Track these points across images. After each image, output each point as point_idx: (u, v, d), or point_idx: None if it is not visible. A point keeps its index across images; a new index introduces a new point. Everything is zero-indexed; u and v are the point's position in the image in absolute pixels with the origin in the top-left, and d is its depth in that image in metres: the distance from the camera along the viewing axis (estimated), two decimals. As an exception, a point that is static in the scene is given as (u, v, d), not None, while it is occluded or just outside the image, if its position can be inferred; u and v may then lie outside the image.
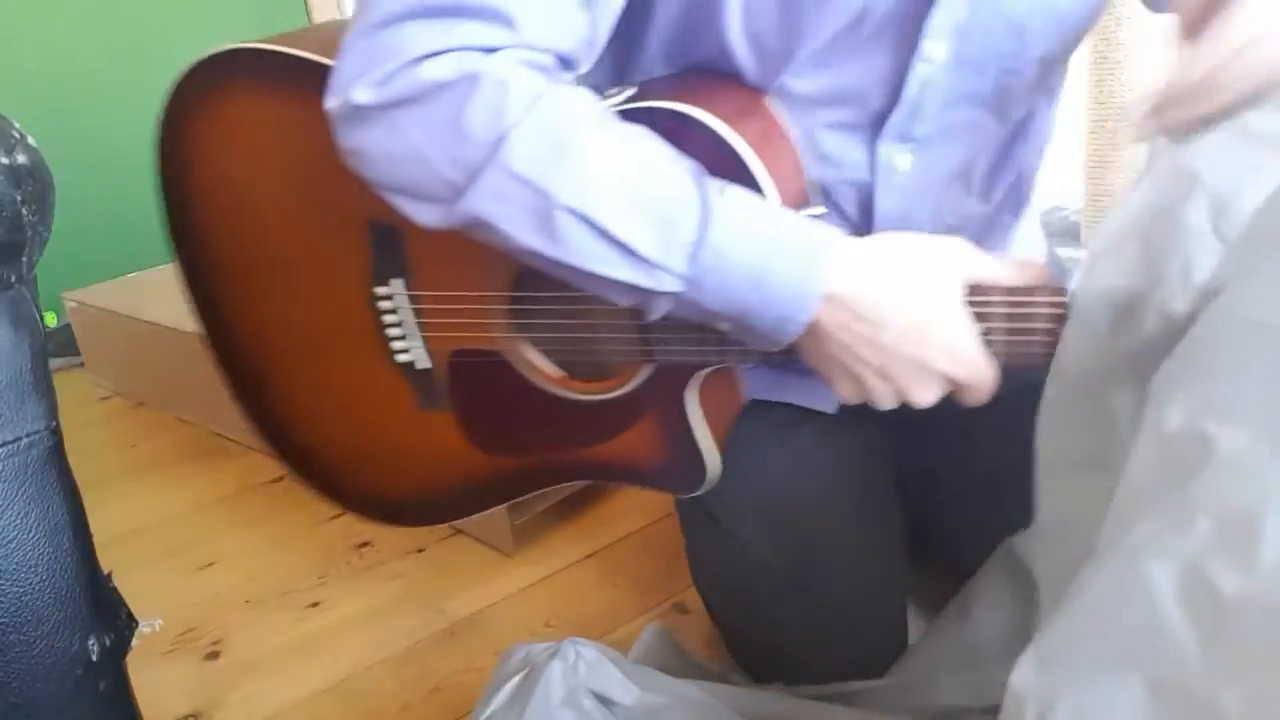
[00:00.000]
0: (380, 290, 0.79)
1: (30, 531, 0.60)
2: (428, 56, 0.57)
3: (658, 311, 0.62)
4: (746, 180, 0.63)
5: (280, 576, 1.28)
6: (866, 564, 0.85)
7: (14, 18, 2.22)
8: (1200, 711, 0.40)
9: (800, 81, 0.70)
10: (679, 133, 0.62)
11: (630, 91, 0.69)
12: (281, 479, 1.56)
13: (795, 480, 0.83)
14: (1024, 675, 0.46)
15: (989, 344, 0.60)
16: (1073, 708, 0.43)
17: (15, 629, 0.59)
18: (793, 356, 0.65)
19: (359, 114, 0.59)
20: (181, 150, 0.84)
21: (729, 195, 0.59)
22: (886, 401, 0.63)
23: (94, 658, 0.64)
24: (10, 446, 0.59)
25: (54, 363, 2.19)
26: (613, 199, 0.57)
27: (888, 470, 0.90)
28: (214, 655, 1.14)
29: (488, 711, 0.71)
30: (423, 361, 0.81)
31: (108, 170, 2.35)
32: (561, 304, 0.74)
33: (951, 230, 0.76)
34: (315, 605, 1.21)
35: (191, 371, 1.79)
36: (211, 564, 1.34)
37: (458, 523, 1.33)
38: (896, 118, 0.70)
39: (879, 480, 0.89)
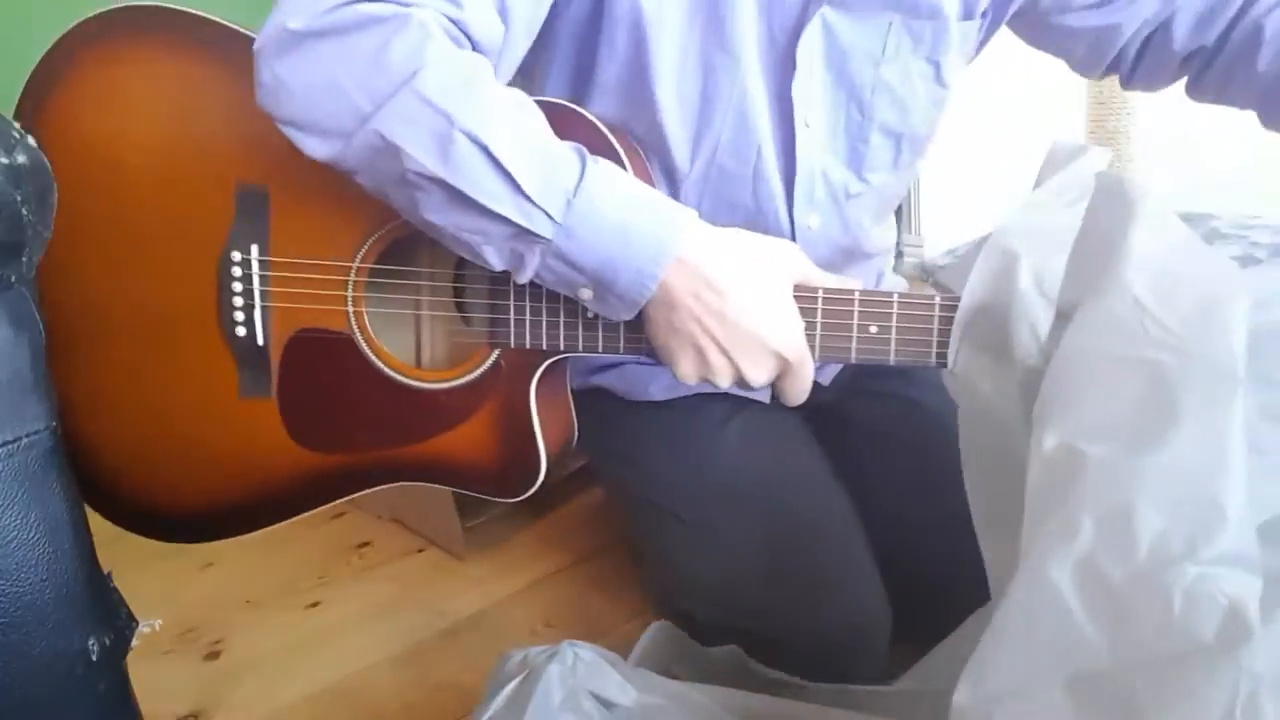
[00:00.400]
0: (235, 255, 0.76)
1: (30, 531, 0.60)
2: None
3: (528, 270, 0.66)
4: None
5: (280, 576, 1.28)
6: (830, 529, 0.88)
7: (14, 18, 2.22)
8: (1117, 699, 0.44)
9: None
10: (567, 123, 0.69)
11: None
12: (281, 479, 1.56)
13: (745, 457, 0.90)
14: (962, 695, 0.50)
15: (809, 337, 0.69)
16: None
17: (15, 629, 0.59)
18: (639, 337, 0.70)
19: (289, 40, 0.63)
20: (53, 99, 0.80)
21: (604, 163, 0.66)
22: (724, 378, 0.68)
23: (94, 658, 0.64)
24: (10, 446, 0.59)
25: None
26: (507, 136, 0.62)
27: (823, 455, 0.96)
28: (214, 655, 1.14)
29: (487, 714, 0.71)
30: (260, 337, 0.77)
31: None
32: (418, 279, 0.76)
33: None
34: (315, 605, 1.21)
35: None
36: (211, 564, 1.34)
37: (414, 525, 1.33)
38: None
39: (818, 458, 0.95)
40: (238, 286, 0.77)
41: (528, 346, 0.73)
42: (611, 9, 0.75)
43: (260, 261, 0.76)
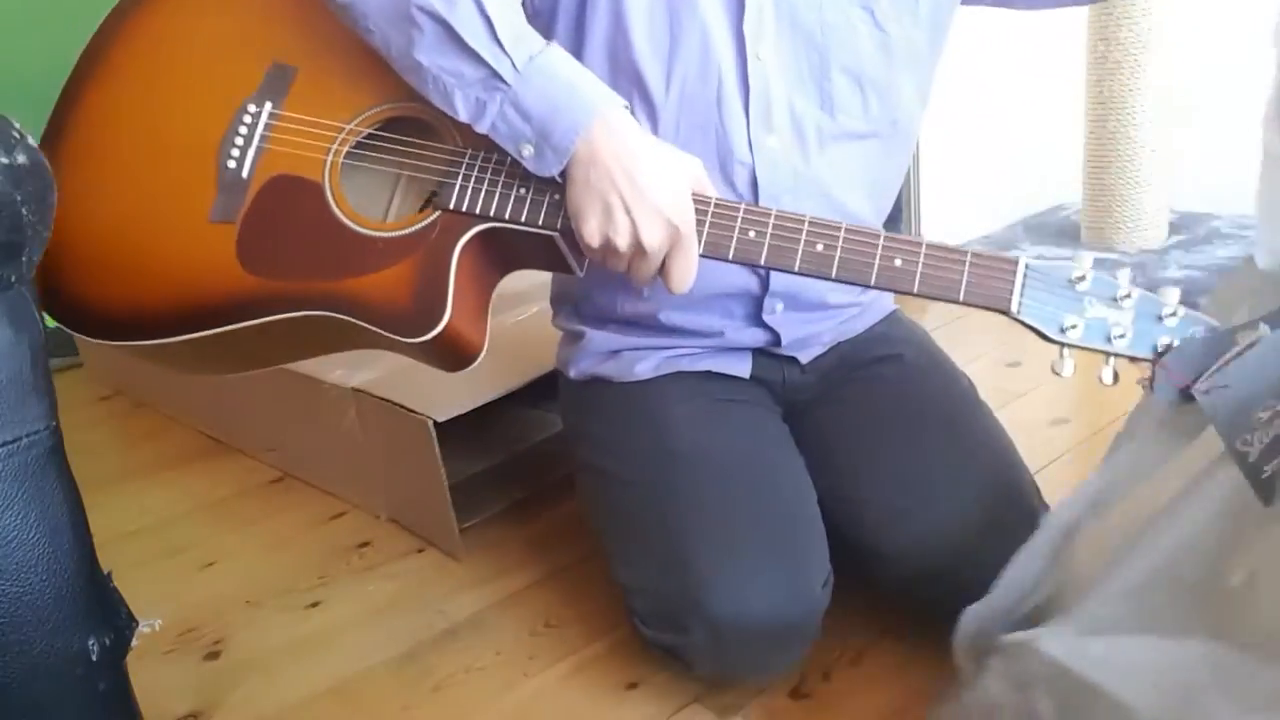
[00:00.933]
0: (251, 107, 0.91)
1: (30, 531, 0.60)
2: None
3: (487, 118, 0.80)
4: None
5: (280, 576, 1.28)
6: (777, 503, 0.93)
7: (14, 18, 2.22)
8: None
9: None
10: None
11: None
12: (281, 479, 1.56)
13: (701, 428, 0.97)
14: None
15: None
16: None
17: (15, 629, 0.59)
18: (559, 205, 0.82)
19: None
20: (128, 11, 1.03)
21: (561, 50, 0.81)
22: (623, 237, 0.79)
23: (94, 658, 0.64)
24: (10, 446, 0.59)
25: (53, 362, 2.17)
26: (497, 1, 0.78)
27: (787, 436, 1.02)
28: (214, 655, 1.14)
29: None
30: (245, 171, 0.90)
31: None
32: (396, 144, 0.89)
33: None
34: (315, 605, 1.21)
35: (188, 374, 1.80)
36: (211, 564, 1.34)
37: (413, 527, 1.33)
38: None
39: (781, 438, 1.02)
40: (243, 129, 0.90)
41: (464, 210, 0.85)
42: None
43: (270, 114, 0.90)
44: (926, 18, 0.94)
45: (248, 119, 0.90)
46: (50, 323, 2.29)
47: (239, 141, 0.90)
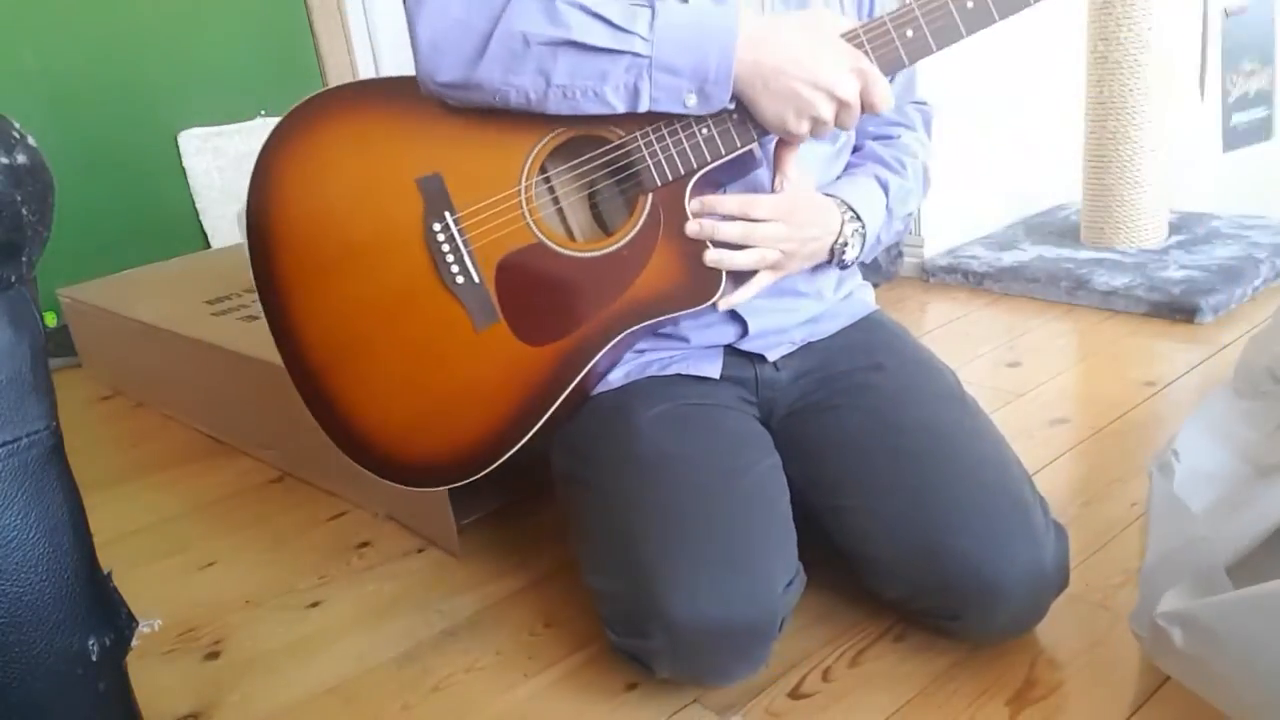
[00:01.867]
0: (435, 226, 0.96)
1: (30, 531, 0.60)
2: None
3: (644, 95, 0.86)
4: None
5: (280, 576, 1.28)
6: (743, 510, 0.93)
7: (14, 18, 2.22)
8: None
9: None
10: None
11: None
12: (281, 479, 1.56)
13: (668, 433, 0.97)
14: None
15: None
16: None
17: (15, 629, 0.59)
18: (745, 121, 0.89)
19: (416, 6, 0.87)
20: (268, 190, 1.01)
21: (666, 1, 0.86)
22: (826, 107, 0.86)
23: (94, 658, 0.64)
24: (10, 446, 0.59)
25: (52, 363, 2.19)
26: None
27: (765, 440, 1.03)
28: (214, 655, 1.14)
29: None
30: (475, 276, 0.96)
31: (105, 169, 2.36)
32: (572, 170, 0.95)
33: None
34: (315, 605, 1.21)
35: (176, 370, 1.80)
36: (211, 564, 1.34)
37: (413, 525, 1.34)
38: None
39: (754, 427, 1.03)
40: (445, 247, 0.96)
41: (670, 179, 0.92)
42: None
43: (454, 220, 0.96)
44: None
45: (440, 238, 0.96)
46: (50, 322, 2.29)
47: (450, 260, 0.96)
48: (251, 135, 2.49)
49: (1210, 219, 2.17)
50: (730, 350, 1.05)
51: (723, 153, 0.90)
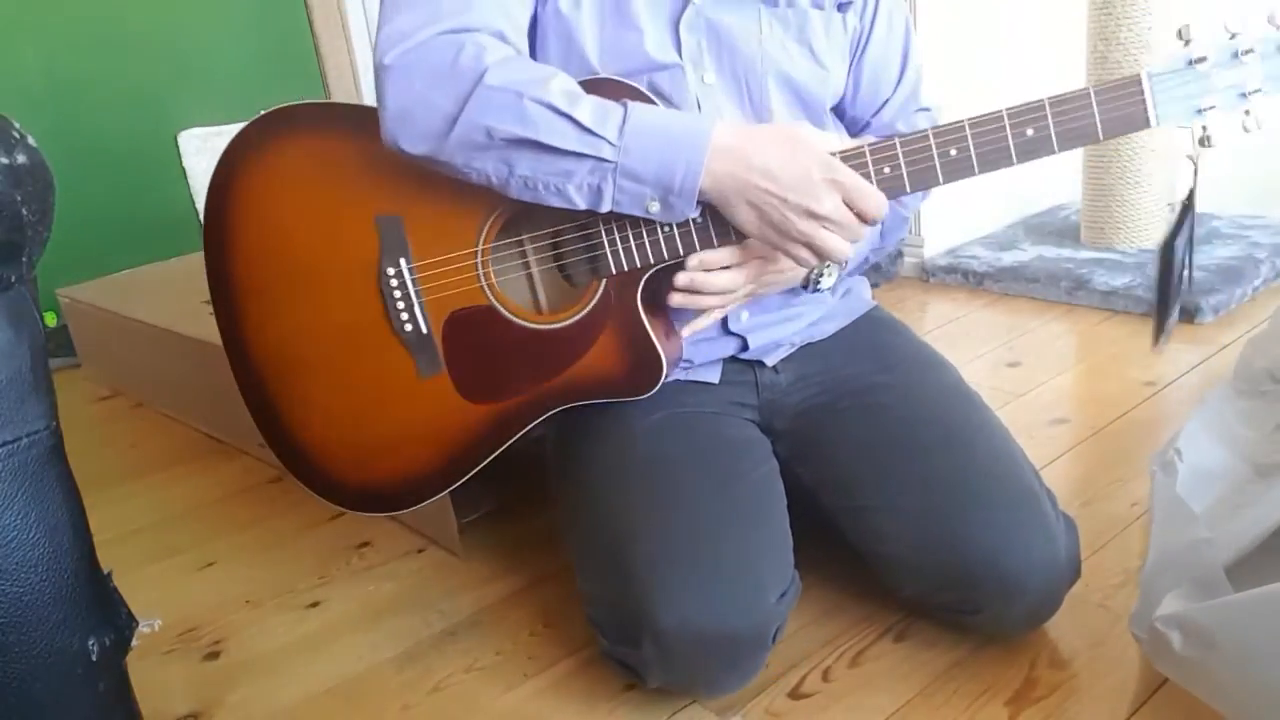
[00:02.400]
0: (389, 270, 0.95)
1: (30, 531, 0.60)
2: (435, 35, 0.83)
3: (606, 198, 0.83)
4: None
5: (280, 576, 1.28)
6: (734, 519, 0.92)
7: (14, 18, 2.22)
8: None
9: None
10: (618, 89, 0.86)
11: None
12: (281, 479, 1.56)
13: (662, 440, 0.98)
14: None
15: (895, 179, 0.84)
16: None
17: (15, 629, 0.59)
18: (706, 227, 0.86)
19: (382, 72, 0.84)
20: (228, 194, 1.01)
21: (638, 102, 0.83)
22: (803, 225, 0.82)
23: (94, 658, 0.64)
24: (10, 446, 0.59)
25: (52, 363, 2.19)
26: (560, 93, 0.81)
27: (764, 448, 1.02)
28: (214, 655, 1.14)
29: None
30: (424, 327, 0.96)
31: (103, 169, 2.36)
32: (526, 246, 0.94)
33: None
34: (315, 605, 1.21)
35: (175, 369, 1.80)
36: (211, 564, 1.34)
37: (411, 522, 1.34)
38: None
39: (753, 434, 1.03)
40: (397, 293, 0.96)
41: (626, 269, 0.90)
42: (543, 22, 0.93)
43: (409, 269, 0.95)
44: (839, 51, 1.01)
45: (394, 282, 0.96)
46: (50, 322, 2.29)
47: (401, 306, 0.96)
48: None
49: (1210, 219, 2.17)
50: (729, 358, 1.05)
51: (680, 253, 0.88)
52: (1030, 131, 0.80)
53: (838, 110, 1.05)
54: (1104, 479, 1.27)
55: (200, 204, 2.48)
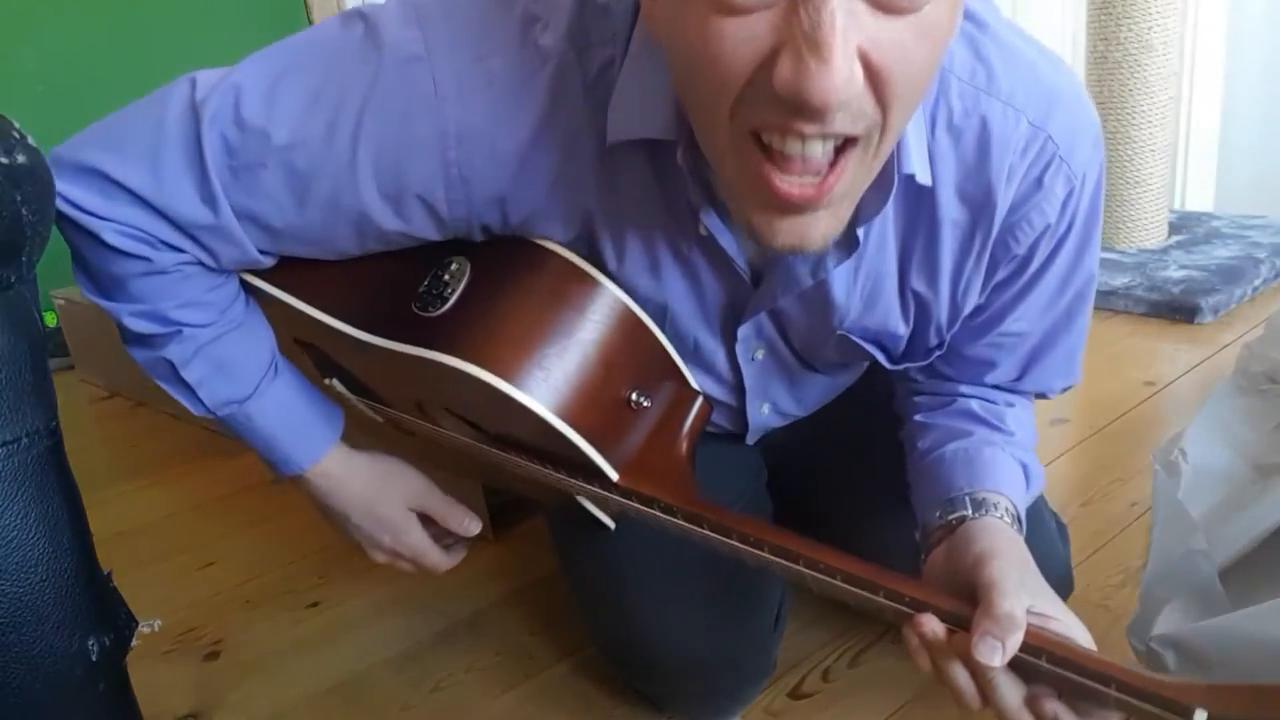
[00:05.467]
0: (326, 381, 0.91)
1: (30, 531, 0.60)
2: (118, 223, 0.69)
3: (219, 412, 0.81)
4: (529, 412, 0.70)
5: (280, 576, 1.28)
6: (753, 506, 0.93)
7: (14, 18, 2.22)
8: None
9: None
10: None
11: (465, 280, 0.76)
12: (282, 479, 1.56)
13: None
14: None
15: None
16: None
17: (15, 629, 0.59)
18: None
19: (57, 202, 0.68)
20: None
21: (278, 386, 0.81)
22: (378, 559, 0.91)
23: (94, 658, 0.64)
24: (10, 446, 0.59)
25: (51, 363, 2.18)
26: (195, 364, 0.78)
27: (759, 477, 0.99)
28: (214, 655, 1.14)
29: None
30: (381, 417, 0.92)
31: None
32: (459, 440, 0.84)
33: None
34: (315, 605, 1.21)
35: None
36: (211, 564, 1.34)
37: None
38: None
39: (748, 454, 0.97)
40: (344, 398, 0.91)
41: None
42: None
43: (347, 390, 0.90)
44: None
45: (338, 392, 0.91)
46: (50, 322, 2.29)
47: (358, 406, 0.93)
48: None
49: (1210, 219, 2.17)
50: None
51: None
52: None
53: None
54: (1104, 479, 1.27)
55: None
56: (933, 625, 0.61)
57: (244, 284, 0.80)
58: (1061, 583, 0.91)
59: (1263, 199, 2.19)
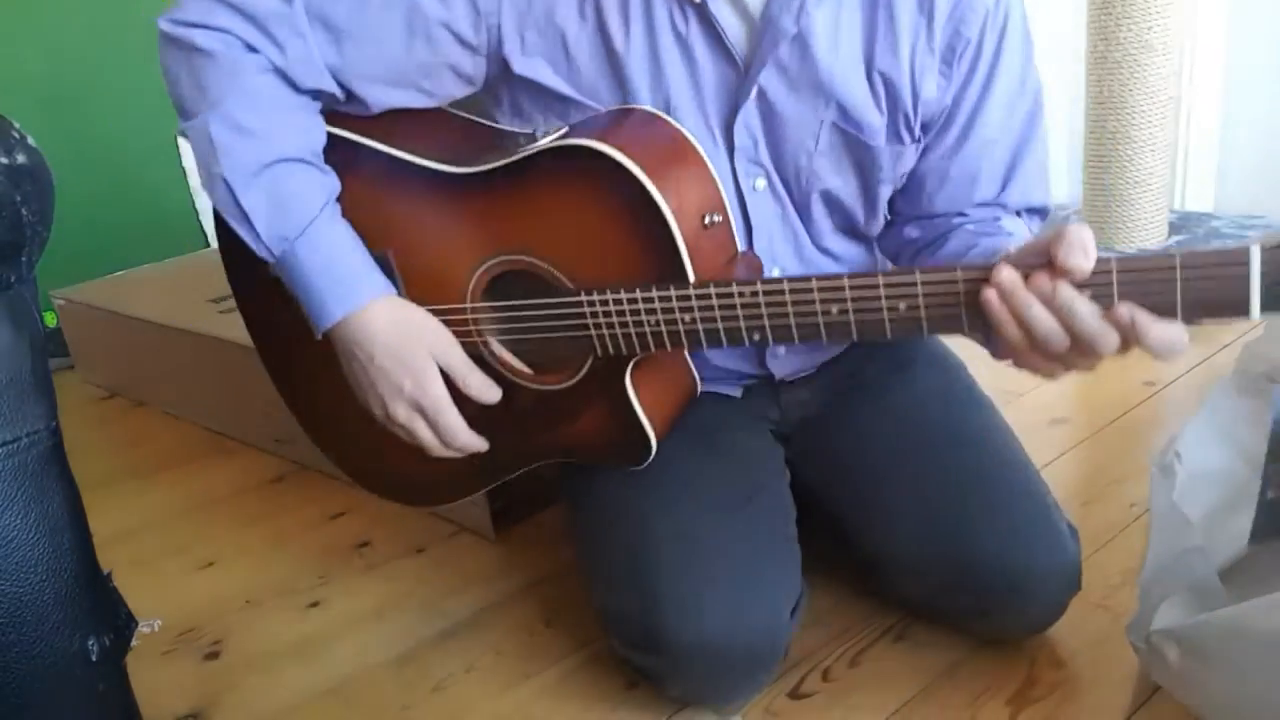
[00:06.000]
0: None
1: (30, 531, 0.60)
2: (209, 28, 0.82)
3: (271, 267, 0.85)
4: (648, 205, 0.76)
5: (280, 576, 1.28)
6: (766, 500, 0.95)
7: (14, 18, 2.22)
8: None
9: None
10: (596, 166, 0.77)
11: (563, 130, 0.83)
12: (282, 479, 1.56)
13: (710, 427, 0.98)
14: None
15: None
16: None
17: (15, 629, 0.59)
18: (687, 313, 0.79)
19: (160, 37, 0.86)
20: None
21: (324, 227, 0.83)
22: (378, 412, 0.87)
23: (94, 658, 0.64)
24: (10, 446, 0.59)
25: (51, 363, 2.19)
26: (253, 190, 0.81)
27: (779, 462, 1.02)
28: (214, 655, 1.14)
29: None
30: None
31: (104, 169, 2.35)
32: (524, 308, 0.87)
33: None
34: (315, 605, 1.21)
35: (183, 368, 1.80)
36: (211, 564, 1.34)
37: (443, 511, 1.33)
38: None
39: (770, 448, 1.03)
40: None
41: (610, 353, 0.84)
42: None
43: None
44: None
45: None
46: (50, 322, 2.29)
47: None
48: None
49: (1210, 219, 2.17)
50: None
51: (668, 347, 0.82)
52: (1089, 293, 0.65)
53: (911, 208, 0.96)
54: (1103, 479, 1.27)
55: (200, 203, 2.49)
56: (1008, 272, 0.66)
57: (333, 147, 0.87)
58: (1071, 582, 0.92)
59: (1263, 199, 2.19)
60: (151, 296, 1.93)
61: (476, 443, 0.89)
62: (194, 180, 2.48)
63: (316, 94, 0.85)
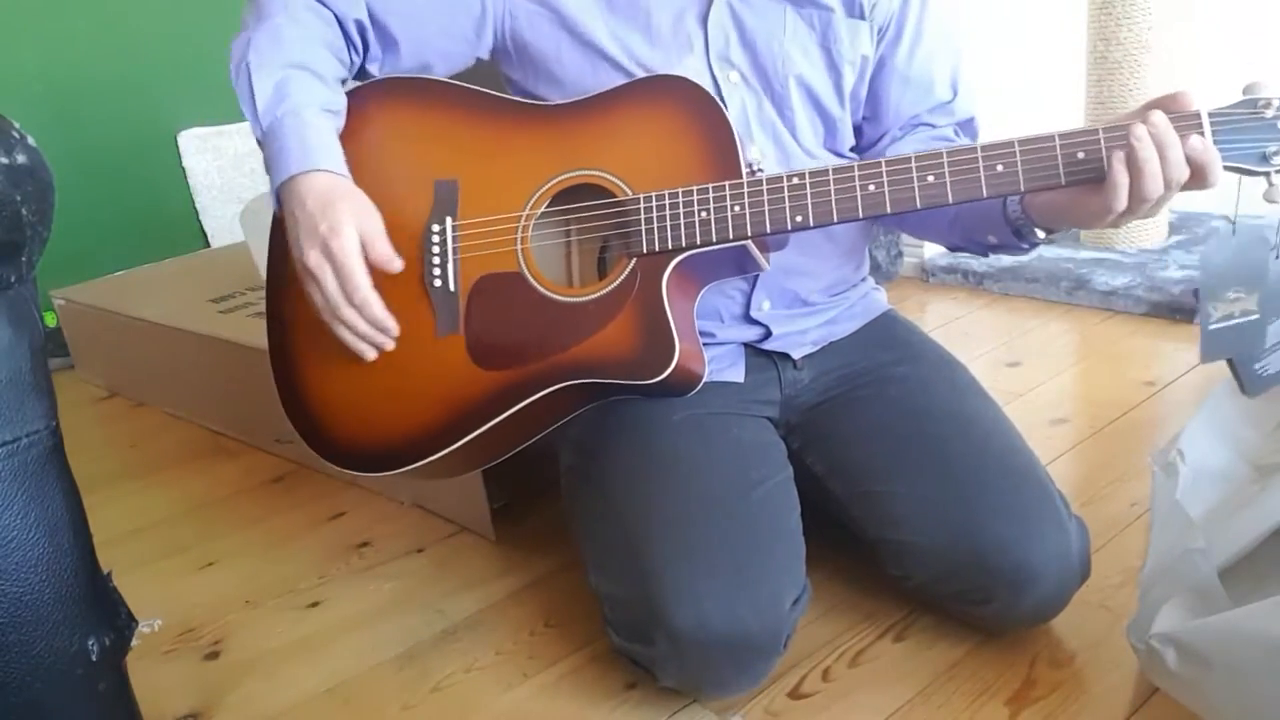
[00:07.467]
0: (435, 227, 0.98)
1: (30, 531, 0.60)
2: None
3: (260, 144, 0.95)
4: (717, 115, 0.92)
5: (280, 576, 1.28)
6: (750, 522, 0.93)
7: (14, 18, 2.22)
8: None
9: None
10: (673, 88, 0.93)
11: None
12: (281, 479, 1.56)
13: (683, 441, 0.99)
14: None
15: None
16: None
17: (15, 629, 0.59)
18: (737, 204, 0.90)
19: None
20: None
21: (312, 118, 0.93)
22: (295, 256, 0.92)
23: (94, 658, 0.64)
24: (10, 446, 0.59)
25: (51, 363, 2.19)
26: (266, 79, 0.93)
27: (780, 451, 1.03)
28: (214, 655, 1.14)
29: None
30: (452, 284, 0.97)
31: (104, 169, 2.35)
32: (577, 213, 0.96)
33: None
34: (315, 605, 1.21)
35: (183, 368, 1.80)
36: (211, 564, 1.34)
37: (443, 511, 1.33)
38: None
39: (773, 439, 1.04)
40: (435, 249, 0.98)
41: (658, 250, 0.91)
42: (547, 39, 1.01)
43: (452, 228, 0.98)
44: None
45: (435, 239, 0.97)
46: (50, 322, 2.29)
47: (436, 261, 0.97)
48: (251, 135, 2.49)
49: (1210, 219, 2.17)
50: (753, 352, 1.05)
51: (714, 240, 0.90)
52: (1081, 154, 0.80)
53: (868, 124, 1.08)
54: (1104, 479, 1.27)
55: (200, 203, 2.50)
56: (1158, 114, 0.78)
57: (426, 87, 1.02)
58: (1075, 569, 0.93)
59: (1262, 199, 2.19)
60: (151, 296, 1.93)
61: (381, 312, 0.92)
62: (194, 180, 2.49)
63: (355, 24, 1.00)
